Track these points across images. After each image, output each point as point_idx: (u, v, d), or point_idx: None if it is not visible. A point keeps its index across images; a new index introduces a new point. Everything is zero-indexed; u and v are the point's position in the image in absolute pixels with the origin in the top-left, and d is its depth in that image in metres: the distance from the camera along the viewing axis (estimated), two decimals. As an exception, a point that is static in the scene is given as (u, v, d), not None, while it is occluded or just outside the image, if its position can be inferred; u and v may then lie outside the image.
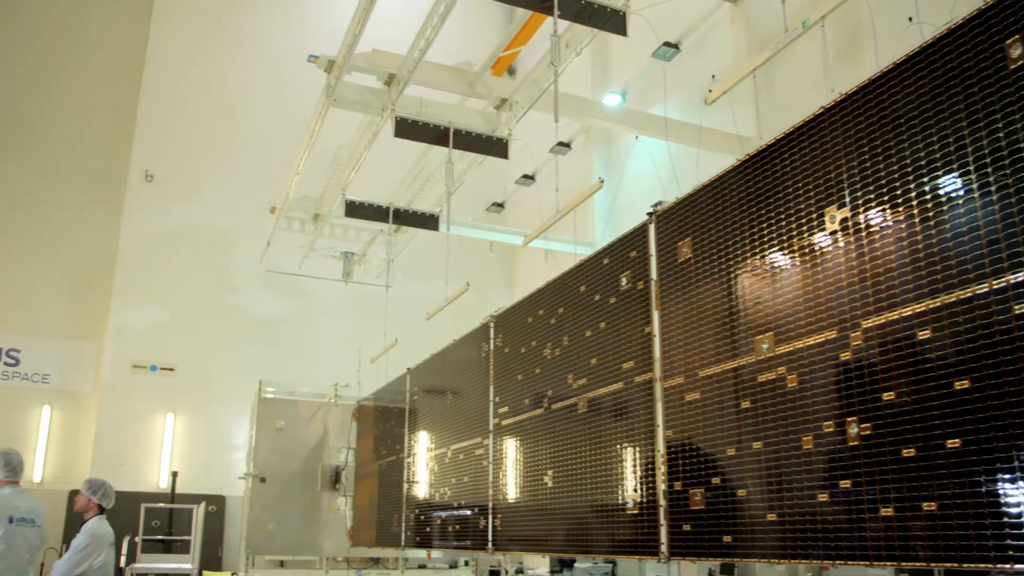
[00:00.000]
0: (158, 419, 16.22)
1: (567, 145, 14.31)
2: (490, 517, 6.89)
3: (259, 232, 13.86)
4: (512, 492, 6.52)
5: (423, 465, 8.82)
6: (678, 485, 4.48)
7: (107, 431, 15.83)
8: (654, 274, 4.91)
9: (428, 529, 8.56)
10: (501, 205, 17.85)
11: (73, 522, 15.06)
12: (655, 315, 4.85)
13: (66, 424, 16.34)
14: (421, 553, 11.80)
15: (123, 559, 13.13)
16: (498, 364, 7.03)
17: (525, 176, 16.03)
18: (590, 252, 5.44)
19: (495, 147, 8.95)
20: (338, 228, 13.19)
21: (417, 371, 9.38)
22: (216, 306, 16.76)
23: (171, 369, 16.34)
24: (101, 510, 7.23)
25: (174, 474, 14.91)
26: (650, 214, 5.00)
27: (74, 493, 15.32)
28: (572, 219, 10.64)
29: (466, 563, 13.13)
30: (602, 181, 7.24)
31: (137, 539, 13.11)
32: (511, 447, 6.61)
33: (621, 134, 13.60)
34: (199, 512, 13.27)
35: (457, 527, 7.71)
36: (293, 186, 10.99)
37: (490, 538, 6.88)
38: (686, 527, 4.37)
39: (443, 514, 8.15)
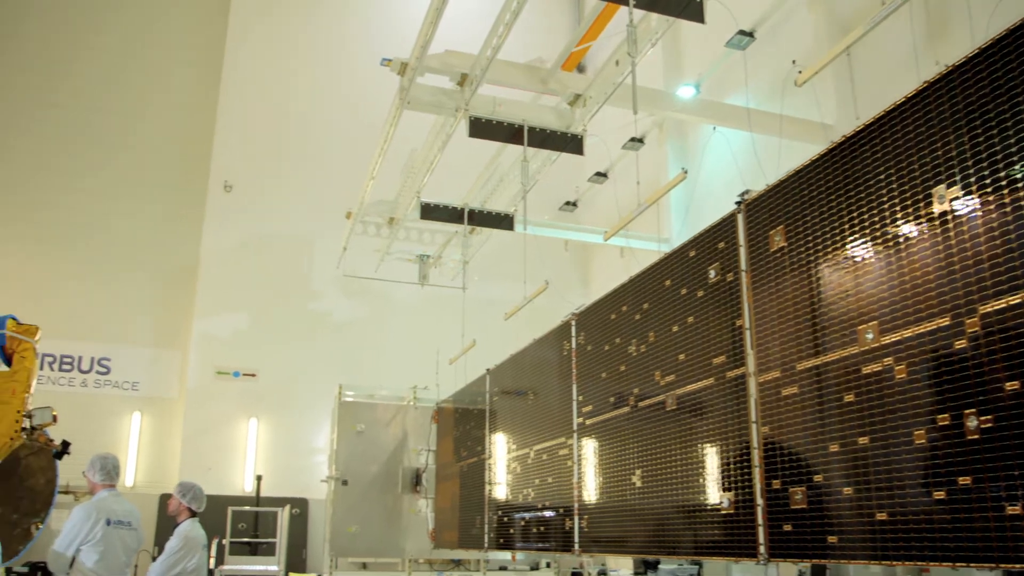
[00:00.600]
0: (241, 424, 16.53)
1: (640, 141, 14.10)
2: (576, 518, 6.79)
3: (335, 237, 14.00)
4: (598, 492, 6.40)
5: (505, 466, 8.75)
6: (776, 483, 4.30)
7: (193, 436, 16.19)
8: (744, 265, 4.74)
9: (511, 531, 8.49)
10: (574, 204, 17.71)
11: (166, 525, 15.45)
12: (746, 307, 4.67)
13: (155, 429, 16.78)
14: (502, 555, 11.75)
15: (212, 561, 13.41)
16: (581, 362, 6.92)
17: (598, 174, 15.85)
18: (667, 248, 5.33)
19: (570, 143, 8.84)
20: (413, 231, 13.24)
21: (497, 372, 9.33)
22: (295, 312, 17.02)
23: (253, 375, 16.63)
24: (193, 513, 7.32)
25: (258, 478, 15.16)
26: (738, 203, 4.83)
27: (165, 497, 15.82)
28: (649, 215, 10.48)
29: (548, 565, 13.03)
30: (685, 172, 7.07)
31: (225, 541, 13.36)
32: (596, 447, 6.49)
33: (695, 127, 13.34)
34: (284, 515, 13.45)
35: (541, 528, 7.62)
36: (368, 190, 11.05)
37: (576, 539, 6.77)
38: (787, 527, 4.19)
39: (527, 515, 8.07)
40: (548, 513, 7.43)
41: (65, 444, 8.83)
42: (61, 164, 17.24)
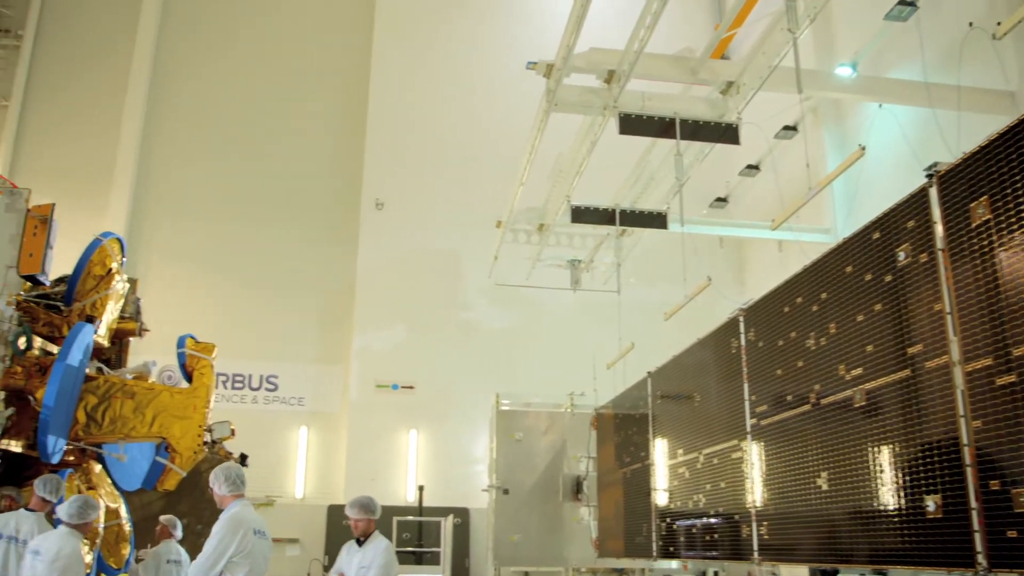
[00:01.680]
0: (402, 435, 16.88)
1: (793, 128, 13.46)
2: (754, 524, 6.41)
3: (485, 248, 14.10)
4: (778, 497, 6.02)
5: (671, 472, 8.45)
6: (995, 484, 3.85)
7: (357, 448, 16.68)
8: (940, 243, 4.30)
9: (682, 538, 8.17)
10: (724, 200, 17.14)
11: (335, 536, 15.96)
12: (946, 289, 4.24)
13: (321, 443, 17.40)
14: (667, 563, 11.40)
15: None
16: (752, 360, 6.56)
17: (749, 167, 15.26)
18: (828, 239, 4.95)
19: (724, 133, 8.49)
20: (563, 236, 13.11)
21: (658, 374, 9.04)
22: (449, 323, 17.28)
23: (411, 387, 16.98)
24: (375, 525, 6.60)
25: (420, 488, 15.41)
26: (929, 177, 4.40)
27: (333, 508, 16.37)
28: (808, 206, 9.93)
29: (715, 574, 12.55)
30: (863, 148, 6.59)
31: (390, 551, 13.59)
32: (773, 448, 6.11)
33: (853, 107, 12.61)
34: (447, 525, 13.58)
35: (715, 536, 7.27)
36: (517, 198, 11.03)
37: (755, 547, 6.39)
38: (1010, 533, 3.74)
39: (698, 522, 7.74)
40: (722, 520, 7.08)
41: (243, 456, 9.23)
42: (225, 193, 18.26)
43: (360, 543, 6.49)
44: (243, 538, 5.54)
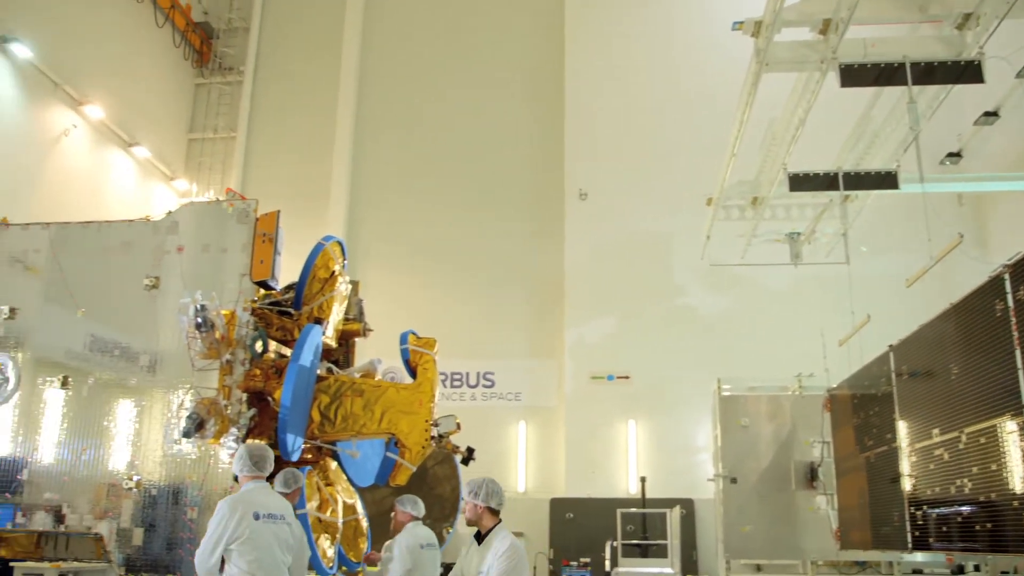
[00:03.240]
0: (620, 426, 16.65)
1: (1039, 67, 11.91)
2: (1036, 511, 5.59)
3: (695, 229, 13.60)
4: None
5: (925, 454, 7.62)
6: None
7: (575, 441, 16.64)
8: None
9: (944, 528, 7.34)
10: (957, 155, 15.51)
11: (558, 530, 15.99)
12: None
13: (539, 437, 17.52)
14: (916, 557, 10.42)
15: (607, 563, 13.53)
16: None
17: (986, 114, 13.68)
18: None
19: (964, 73, 7.55)
20: (779, 209, 12.31)
21: (902, 348, 8.21)
22: (661, 309, 16.86)
23: (627, 377, 16.72)
24: (496, 514, 5.49)
25: (642, 479, 15.09)
26: None
27: (555, 502, 16.42)
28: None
29: (976, 568, 11.36)
30: None
31: (616, 544, 13.41)
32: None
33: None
34: (673, 516, 13.20)
35: (988, 525, 6.44)
36: (728, 171, 10.46)
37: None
38: None
39: (963, 510, 6.91)
40: (993, 507, 6.25)
41: (470, 450, 9.31)
42: (431, 198, 18.89)
43: (480, 540, 5.36)
44: (239, 523, 5.11)
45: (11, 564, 8.00)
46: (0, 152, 14.54)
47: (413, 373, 7.67)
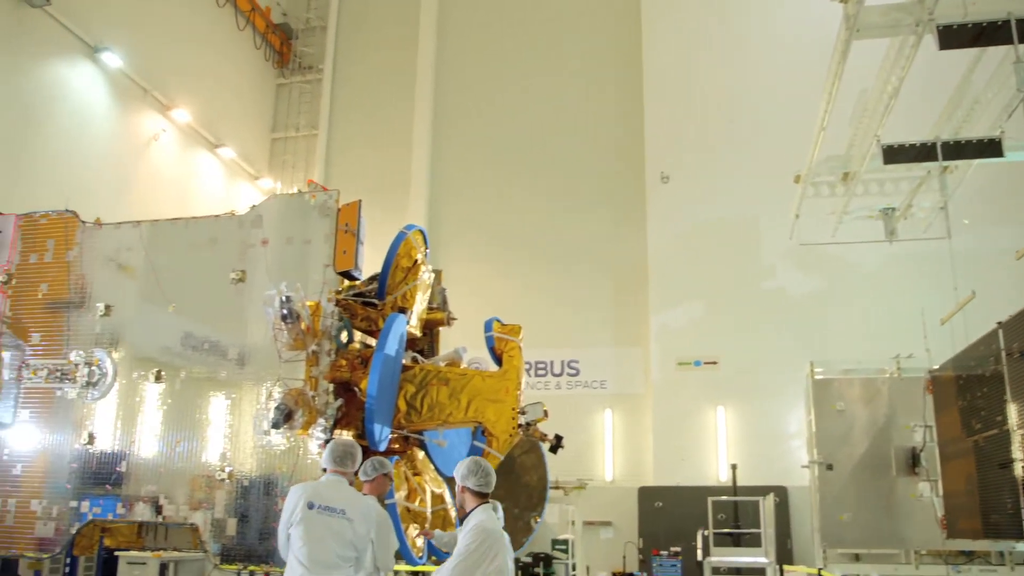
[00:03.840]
0: (709, 413, 16.36)
1: None
2: None
3: (782, 208, 13.18)
4: None
5: (1042, 436, 7.19)
6: None
7: (662, 429, 16.43)
8: None
9: (1064, 515, 6.91)
10: (1062, 119, 14.70)
11: (648, 518, 15.79)
12: None
13: (626, 424, 17.37)
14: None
15: (699, 552, 13.30)
16: None
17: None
18: None
19: (1077, 28, 7.05)
20: (871, 184, 11.77)
21: (1012, 324, 7.76)
22: (749, 293, 16.47)
23: (714, 362, 16.43)
24: (483, 498, 5.45)
25: (733, 467, 14.78)
26: None
27: (644, 490, 16.23)
28: None
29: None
30: None
31: (707, 532, 13.17)
32: None
33: None
34: (767, 504, 12.87)
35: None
36: (818, 146, 10.07)
37: None
38: None
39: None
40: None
41: (558, 437, 9.21)
42: (511, 186, 18.89)
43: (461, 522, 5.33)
44: (294, 509, 5.22)
45: (116, 553, 8.29)
46: (95, 158, 15.10)
47: (499, 361, 7.59)
